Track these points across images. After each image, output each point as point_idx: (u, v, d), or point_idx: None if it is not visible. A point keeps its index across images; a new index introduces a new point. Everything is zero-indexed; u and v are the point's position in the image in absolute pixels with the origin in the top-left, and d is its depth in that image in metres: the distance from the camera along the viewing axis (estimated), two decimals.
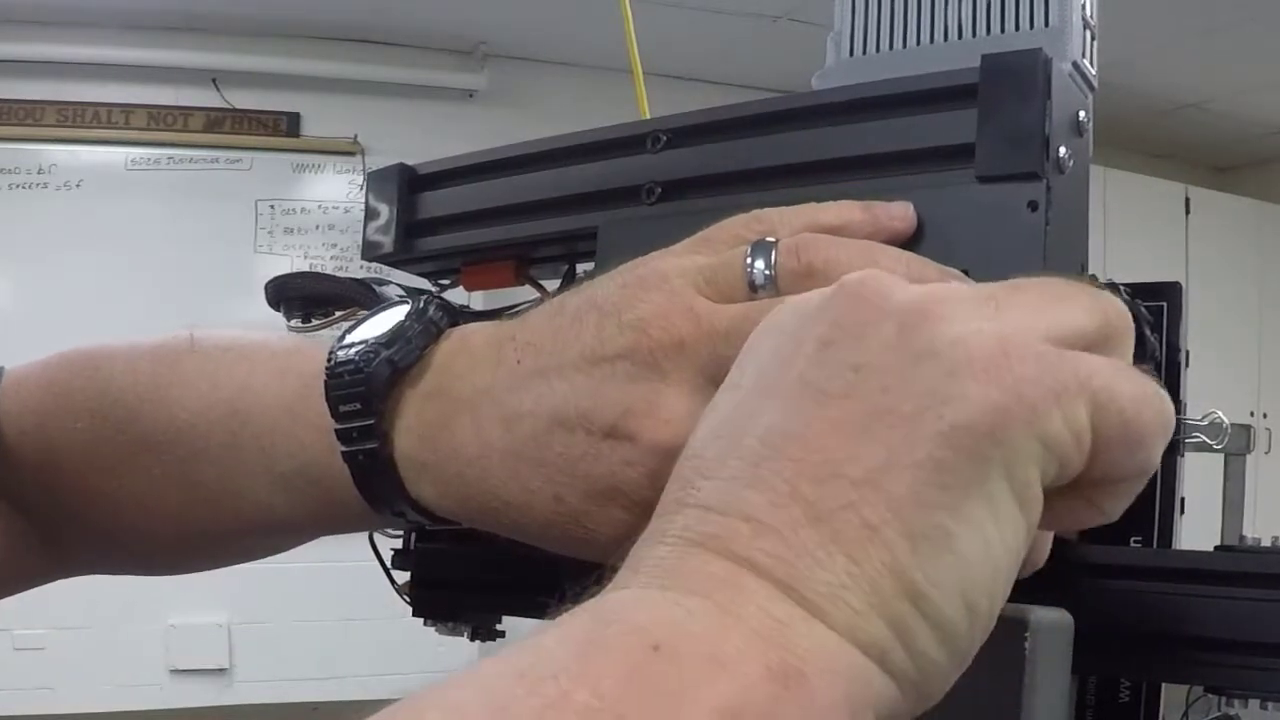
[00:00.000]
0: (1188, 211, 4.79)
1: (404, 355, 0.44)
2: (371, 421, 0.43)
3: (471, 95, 4.23)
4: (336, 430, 0.44)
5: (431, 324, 0.45)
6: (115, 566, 0.55)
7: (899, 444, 0.29)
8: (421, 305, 0.46)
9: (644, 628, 0.27)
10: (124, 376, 0.51)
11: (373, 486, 0.44)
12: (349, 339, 0.46)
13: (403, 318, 0.45)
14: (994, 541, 0.29)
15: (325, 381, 0.45)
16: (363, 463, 0.44)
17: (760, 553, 0.29)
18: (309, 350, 0.47)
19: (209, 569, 0.55)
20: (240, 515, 0.49)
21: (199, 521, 0.50)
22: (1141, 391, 0.31)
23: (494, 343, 0.44)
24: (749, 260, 0.40)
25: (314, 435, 0.45)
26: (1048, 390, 0.29)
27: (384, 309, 0.47)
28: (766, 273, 0.40)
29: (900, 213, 0.42)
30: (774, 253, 0.40)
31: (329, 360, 0.45)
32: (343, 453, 0.44)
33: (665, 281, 0.41)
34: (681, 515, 0.30)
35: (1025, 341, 0.30)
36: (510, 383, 0.42)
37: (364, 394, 0.44)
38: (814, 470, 0.29)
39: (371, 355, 0.44)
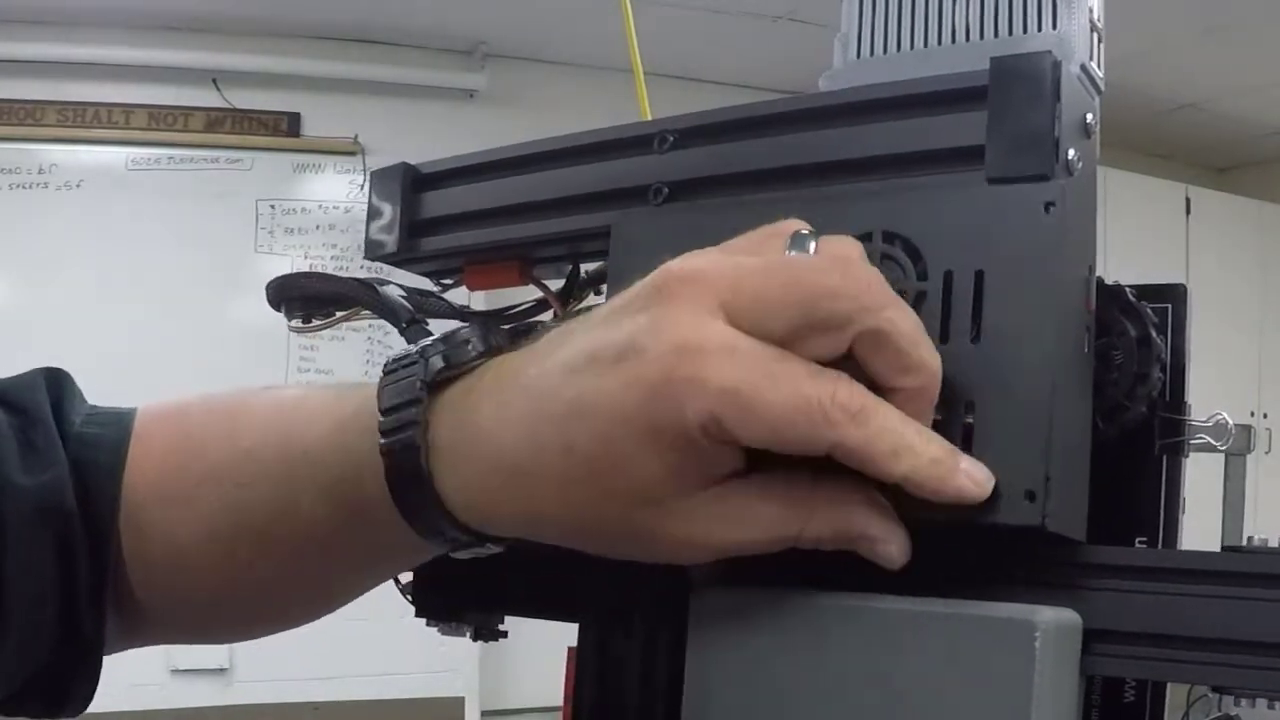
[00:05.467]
0: (1188, 211, 4.79)
1: (458, 355, 0.45)
2: (415, 410, 0.44)
3: (471, 95, 4.23)
4: (380, 423, 0.45)
5: (490, 336, 0.46)
6: (164, 628, 0.56)
7: None
8: (484, 326, 0.47)
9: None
10: (201, 415, 0.55)
11: (403, 479, 0.44)
12: (406, 347, 0.47)
13: (464, 328, 0.46)
14: None
15: (380, 377, 0.46)
16: (398, 452, 0.44)
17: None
18: (370, 386, 0.48)
19: (262, 626, 0.56)
20: (285, 540, 0.50)
21: (247, 554, 0.51)
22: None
23: (529, 341, 0.44)
24: (789, 250, 0.41)
25: (359, 439, 0.46)
26: None
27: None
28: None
29: None
30: (811, 243, 0.41)
31: (386, 363, 0.46)
32: (380, 445, 0.44)
33: (695, 254, 0.41)
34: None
35: None
36: (537, 360, 0.42)
37: (413, 381, 0.44)
38: None
39: (430, 349, 0.45)
